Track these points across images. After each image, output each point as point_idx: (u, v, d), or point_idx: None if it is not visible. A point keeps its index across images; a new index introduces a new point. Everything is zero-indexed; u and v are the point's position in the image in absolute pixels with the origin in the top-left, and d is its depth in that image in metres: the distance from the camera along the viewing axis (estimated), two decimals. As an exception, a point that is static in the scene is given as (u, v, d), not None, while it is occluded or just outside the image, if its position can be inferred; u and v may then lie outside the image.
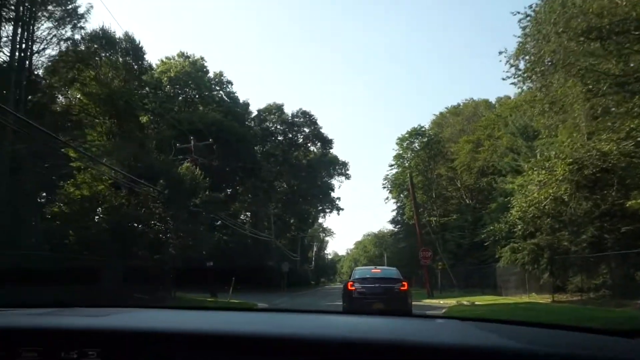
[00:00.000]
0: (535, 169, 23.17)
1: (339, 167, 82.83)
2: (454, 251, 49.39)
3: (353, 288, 15.41)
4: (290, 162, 61.49)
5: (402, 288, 15.35)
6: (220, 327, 1.61)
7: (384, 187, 66.34)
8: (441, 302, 27.56)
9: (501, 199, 41.35)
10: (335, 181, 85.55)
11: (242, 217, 67.27)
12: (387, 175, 65.27)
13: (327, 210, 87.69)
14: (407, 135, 61.38)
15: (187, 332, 1.44)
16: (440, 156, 60.67)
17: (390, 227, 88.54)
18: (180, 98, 50.97)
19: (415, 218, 36.16)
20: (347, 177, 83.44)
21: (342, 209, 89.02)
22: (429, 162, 60.85)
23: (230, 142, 44.25)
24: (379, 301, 14.56)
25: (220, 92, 53.71)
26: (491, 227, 32.20)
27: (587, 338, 1.62)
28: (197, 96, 51.17)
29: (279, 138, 61.13)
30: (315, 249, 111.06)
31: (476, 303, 24.45)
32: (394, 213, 75.93)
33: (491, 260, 39.78)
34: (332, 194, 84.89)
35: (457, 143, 55.89)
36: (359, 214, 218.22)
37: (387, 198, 70.05)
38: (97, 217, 26.89)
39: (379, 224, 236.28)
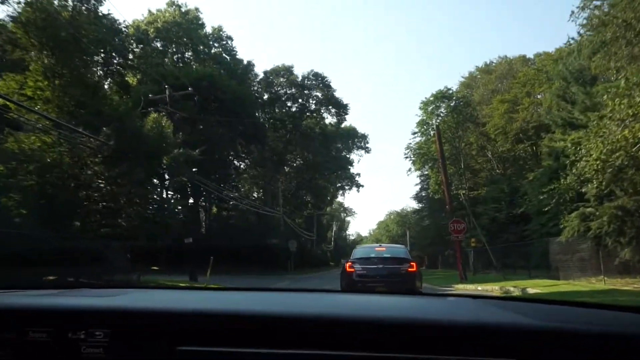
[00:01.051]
0: (618, 100, 15.63)
1: (358, 140, 75.73)
2: (487, 227, 41.88)
3: (352, 270, 13.26)
4: (301, 130, 54.33)
5: (409, 269, 13.24)
6: (227, 306, 1.56)
7: (406, 157, 58.90)
8: (479, 288, 20.37)
9: (547, 162, 33.93)
10: (354, 155, 78.75)
11: (253, 192, 60.82)
12: (410, 144, 57.73)
13: (347, 187, 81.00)
14: (432, 98, 53.71)
15: (195, 312, 1.41)
16: (469, 122, 53.00)
17: (414, 204, 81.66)
18: (170, 53, 43.98)
19: (444, 180, 28.78)
20: (367, 150, 76.36)
21: (362, 186, 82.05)
22: (456, 128, 53.24)
23: (225, 102, 37.28)
24: (382, 284, 12.58)
25: (219, 48, 46.47)
26: (555, 186, 24.44)
27: (614, 315, 1.55)
28: (190, 52, 44.12)
29: (288, 104, 53.82)
30: (334, 228, 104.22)
31: (529, 290, 17.28)
32: (417, 188, 68.61)
33: (535, 236, 32.63)
34: (351, 170, 78.24)
35: (490, 105, 48.15)
36: (382, 191, 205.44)
37: (409, 170, 62.70)
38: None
39: (402, 201, 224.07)
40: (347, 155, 73.80)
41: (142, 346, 1.34)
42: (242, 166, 53.48)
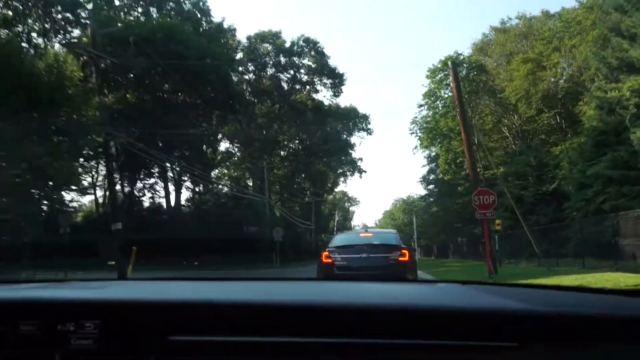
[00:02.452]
0: None
1: (359, 121, 68.12)
2: (510, 207, 34.20)
3: (329, 260, 10.55)
4: (291, 103, 46.69)
5: (400, 258, 10.43)
6: (218, 296, 1.55)
7: (412, 133, 51.13)
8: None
9: (590, 124, 26.35)
10: (355, 138, 71.35)
11: (247, 180, 53.43)
12: (416, 118, 49.97)
13: (348, 173, 73.45)
14: (440, 65, 45.99)
15: (185, 301, 1.41)
16: (483, 92, 45.26)
17: (421, 189, 74.19)
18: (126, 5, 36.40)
19: (463, 136, 20.98)
20: (369, 132, 68.64)
21: (365, 171, 74.17)
22: (469, 98, 45.55)
23: (190, 61, 29.78)
24: (366, 278, 9.01)
25: (189, 6, 38.73)
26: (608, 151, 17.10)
27: (592, 297, 1.55)
28: (154, 6, 36.51)
29: (273, 72, 45.93)
30: (337, 217, 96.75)
31: None
32: (425, 170, 60.92)
33: (579, 214, 25.16)
34: (353, 154, 70.74)
35: (509, 67, 40.31)
36: (387, 178, 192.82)
37: (415, 147, 55.01)
38: None
39: (409, 188, 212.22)
40: (348, 138, 66.38)
41: (132, 337, 1.32)
42: (223, 146, 46.12)
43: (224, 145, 50.59)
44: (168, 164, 33.91)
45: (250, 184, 53.11)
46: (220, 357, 1.26)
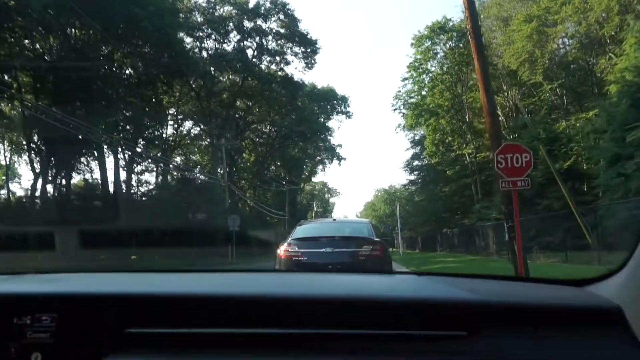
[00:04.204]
0: None
1: (337, 103, 61.59)
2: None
3: (288, 256, 8.74)
4: (256, 74, 39.71)
5: (374, 253, 8.71)
6: (174, 288, 1.52)
7: (395, 109, 44.49)
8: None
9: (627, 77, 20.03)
10: (334, 122, 64.99)
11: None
12: (399, 92, 43.34)
13: (327, 160, 66.90)
14: (427, 32, 39.43)
15: (143, 295, 1.40)
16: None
17: (404, 177, 67.55)
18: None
19: (477, 63, 14.09)
20: (348, 115, 62.36)
21: (344, 158, 67.92)
22: (458, 70, 39.08)
23: (117, 12, 22.82)
24: None
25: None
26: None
27: (537, 287, 1.62)
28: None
29: (239, 41, 38.83)
30: (315, 209, 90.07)
31: None
32: (409, 154, 54.46)
33: (615, 195, 18.92)
34: (331, 140, 64.25)
35: (508, 28, 33.78)
36: (368, 167, 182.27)
37: (399, 126, 48.63)
38: None
39: (391, 178, 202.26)
40: (325, 122, 59.92)
41: (89, 330, 1.29)
42: (175, 122, 39.10)
43: (184, 125, 43.86)
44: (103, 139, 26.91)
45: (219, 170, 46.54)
46: (177, 348, 1.22)
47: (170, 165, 32.56)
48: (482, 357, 1.16)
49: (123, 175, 31.46)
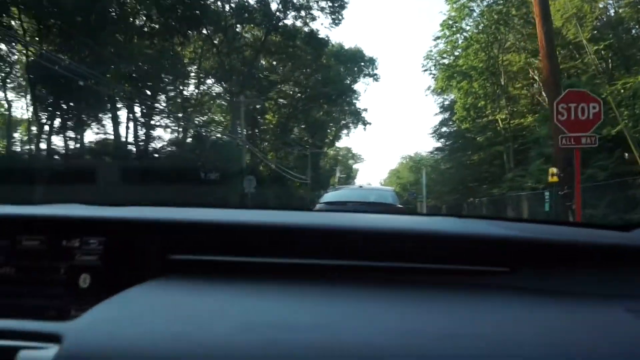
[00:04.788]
0: None
1: (365, 65, 58.83)
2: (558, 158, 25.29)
3: None
4: (279, 29, 37.31)
5: None
6: (220, 218, 1.48)
7: (425, 70, 41.74)
8: None
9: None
10: (360, 85, 62.47)
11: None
12: (430, 52, 40.49)
13: (352, 125, 64.53)
14: (463, -16, 36.44)
15: (186, 222, 1.38)
16: (514, 21, 35.74)
17: (430, 145, 64.84)
18: None
19: None
20: (375, 78, 59.57)
21: (369, 123, 65.25)
22: (495, 30, 36.11)
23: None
24: None
25: None
26: None
27: (585, 231, 1.54)
28: None
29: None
30: (339, 174, 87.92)
31: None
32: (438, 120, 51.82)
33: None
34: (357, 104, 61.71)
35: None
36: (394, 133, 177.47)
37: (428, 88, 45.97)
38: None
39: (417, 145, 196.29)
40: (351, 85, 57.39)
41: (135, 254, 1.32)
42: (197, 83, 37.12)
43: (206, 83, 41.86)
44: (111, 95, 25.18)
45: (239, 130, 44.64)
46: (219, 275, 1.23)
47: (182, 123, 30.67)
48: (523, 291, 1.14)
49: (136, 130, 29.91)
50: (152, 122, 29.63)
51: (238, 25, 36.53)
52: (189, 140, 32.39)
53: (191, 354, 0.86)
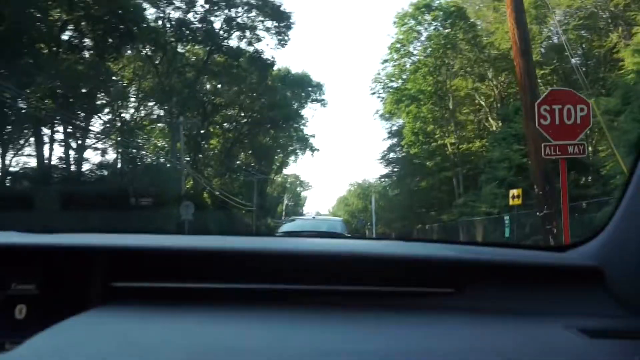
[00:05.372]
0: None
1: (312, 90, 57.78)
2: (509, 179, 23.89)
3: None
4: (223, 49, 35.45)
5: None
6: (162, 243, 1.45)
7: (373, 94, 40.61)
8: None
9: None
10: (308, 110, 61.39)
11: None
12: (379, 75, 39.47)
13: (299, 151, 63.00)
14: (411, 9, 35.75)
15: (130, 248, 1.35)
16: (461, 46, 35.20)
17: (379, 171, 63.87)
18: None
19: None
20: (323, 103, 58.61)
21: (317, 149, 63.85)
22: (443, 54, 35.49)
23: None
24: None
25: None
26: None
27: (525, 253, 1.60)
28: None
29: (206, 11, 34.46)
30: (286, 201, 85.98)
31: None
32: (386, 145, 50.87)
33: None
34: (304, 130, 60.40)
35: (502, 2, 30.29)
36: (342, 161, 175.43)
37: (377, 112, 45.09)
38: None
39: (365, 172, 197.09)
40: (298, 110, 56.17)
41: (75, 282, 1.27)
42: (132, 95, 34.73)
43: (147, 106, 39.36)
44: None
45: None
46: (164, 302, 1.19)
47: (115, 146, 28.22)
48: (467, 311, 1.17)
49: (60, 151, 27.16)
50: (79, 144, 26.95)
51: (179, 44, 34.44)
52: (120, 164, 29.86)
53: None
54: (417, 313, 1.16)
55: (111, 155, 30.05)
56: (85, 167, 26.79)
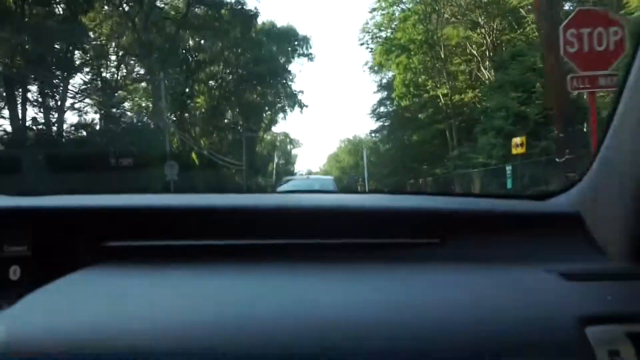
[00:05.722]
0: None
1: (298, 44, 55.90)
2: (502, 133, 22.84)
3: None
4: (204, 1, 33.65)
5: None
6: (154, 202, 1.47)
7: (362, 44, 38.98)
8: None
9: None
10: (295, 65, 59.63)
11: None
12: (367, 25, 37.71)
13: (288, 108, 61.34)
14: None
15: (119, 207, 1.35)
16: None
17: (370, 125, 62.68)
18: None
19: None
20: (310, 57, 56.79)
21: (306, 106, 62.23)
22: (433, 1, 33.84)
23: None
24: None
25: None
26: None
27: (507, 202, 1.61)
28: None
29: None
30: (276, 160, 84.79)
31: None
32: (377, 98, 49.60)
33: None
34: (292, 85, 58.68)
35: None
36: (332, 116, 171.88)
37: (366, 64, 43.72)
38: None
39: (356, 128, 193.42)
40: (285, 65, 54.48)
41: (66, 243, 1.26)
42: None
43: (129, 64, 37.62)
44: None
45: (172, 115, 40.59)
46: (156, 260, 1.17)
47: (95, 105, 26.84)
48: (452, 260, 1.19)
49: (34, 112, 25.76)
50: (58, 104, 25.54)
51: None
52: (100, 124, 28.52)
53: (133, 340, 0.83)
54: (403, 264, 1.18)
55: (92, 116, 28.73)
56: (66, 127, 25.46)
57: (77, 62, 29.69)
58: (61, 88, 26.48)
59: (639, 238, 1.10)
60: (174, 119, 43.19)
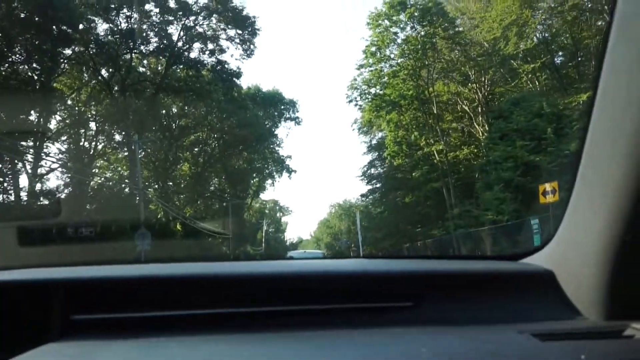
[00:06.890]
0: None
1: (285, 108, 54.72)
2: (512, 182, 20.23)
3: None
4: (182, 60, 31.87)
5: None
6: (121, 273, 1.47)
7: (350, 101, 37.03)
8: None
9: None
10: (282, 129, 58.05)
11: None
12: (355, 82, 35.96)
13: (276, 174, 59.18)
14: (386, 8, 32.58)
15: (87, 280, 1.33)
16: (444, 42, 32.07)
17: (360, 189, 60.61)
18: None
19: None
20: (297, 122, 55.66)
21: (294, 171, 60.20)
22: (422, 55, 32.33)
23: None
24: None
25: None
26: None
27: (479, 263, 1.66)
28: None
29: (161, 18, 30.89)
30: (265, 227, 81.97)
31: None
32: (367, 160, 47.67)
33: None
34: (280, 151, 57.07)
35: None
36: (321, 181, 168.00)
37: (355, 122, 42.05)
38: None
39: (347, 192, 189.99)
40: (272, 129, 53.06)
41: (34, 317, 1.25)
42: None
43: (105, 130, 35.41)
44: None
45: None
46: (125, 333, 1.17)
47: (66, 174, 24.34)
48: (427, 324, 1.18)
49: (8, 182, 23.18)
50: (29, 174, 23.03)
51: (132, 55, 30.72)
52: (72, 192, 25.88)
53: None
54: (380, 328, 1.16)
55: (61, 183, 26.23)
56: (38, 198, 22.93)
57: (54, 130, 27.65)
58: (33, 156, 24.15)
59: (610, 294, 1.08)
60: (156, 186, 40.87)
